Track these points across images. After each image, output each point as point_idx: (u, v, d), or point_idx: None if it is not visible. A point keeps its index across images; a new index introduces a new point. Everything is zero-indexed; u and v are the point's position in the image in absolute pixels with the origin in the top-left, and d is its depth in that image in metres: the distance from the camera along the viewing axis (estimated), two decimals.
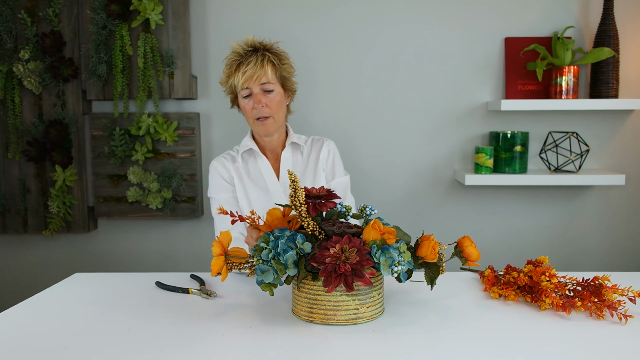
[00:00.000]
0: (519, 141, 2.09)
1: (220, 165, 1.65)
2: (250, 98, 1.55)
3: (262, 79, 1.53)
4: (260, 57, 1.52)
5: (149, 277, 1.39)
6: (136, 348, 0.98)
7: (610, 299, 1.10)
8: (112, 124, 2.21)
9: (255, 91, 1.54)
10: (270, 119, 1.56)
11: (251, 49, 1.54)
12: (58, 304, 1.21)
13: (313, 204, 1.09)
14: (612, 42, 2.06)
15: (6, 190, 2.26)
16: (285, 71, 1.58)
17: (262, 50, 1.55)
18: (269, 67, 1.53)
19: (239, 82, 1.53)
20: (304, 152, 1.67)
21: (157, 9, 2.12)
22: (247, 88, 1.54)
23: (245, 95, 1.56)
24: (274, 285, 1.05)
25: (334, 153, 1.70)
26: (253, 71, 1.51)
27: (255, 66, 1.51)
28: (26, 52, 2.15)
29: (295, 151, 1.68)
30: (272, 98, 1.55)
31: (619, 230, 2.26)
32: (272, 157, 1.67)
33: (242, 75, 1.52)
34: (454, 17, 2.19)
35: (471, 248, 1.17)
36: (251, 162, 1.66)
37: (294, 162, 1.67)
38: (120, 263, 2.35)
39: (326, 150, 1.68)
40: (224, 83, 1.61)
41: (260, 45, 1.56)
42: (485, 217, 2.28)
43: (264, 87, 1.54)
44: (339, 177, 1.68)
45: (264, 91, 1.55)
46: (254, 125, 1.59)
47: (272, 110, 1.55)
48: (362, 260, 0.99)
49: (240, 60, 1.54)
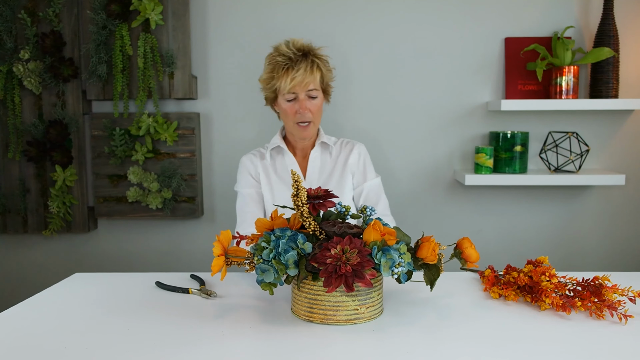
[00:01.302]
0: (519, 141, 2.09)
1: (249, 161, 1.68)
2: (294, 102, 1.56)
3: (310, 85, 1.54)
4: (310, 64, 1.53)
5: (149, 277, 1.39)
6: (136, 348, 0.98)
7: (610, 299, 1.10)
8: (112, 124, 2.21)
9: (301, 97, 1.55)
10: (311, 124, 1.58)
11: (300, 54, 1.54)
12: (58, 304, 1.21)
13: (312, 204, 1.09)
14: (612, 42, 2.06)
15: (6, 190, 2.26)
16: (328, 77, 1.61)
17: (312, 55, 1.55)
18: (317, 74, 1.54)
19: (285, 86, 1.52)
20: (332, 152, 1.68)
21: (157, 9, 2.12)
22: (293, 93, 1.54)
23: (290, 99, 1.56)
24: (274, 285, 1.05)
25: (365, 156, 1.71)
26: (302, 78, 1.51)
27: (305, 73, 1.51)
28: (26, 52, 2.15)
29: (324, 151, 1.69)
30: (315, 104, 1.57)
31: (619, 230, 2.26)
32: (301, 155, 1.69)
33: (291, 80, 1.51)
34: (454, 17, 2.19)
35: (471, 249, 1.17)
36: (279, 159, 1.68)
37: (322, 162, 1.68)
38: (120, 263, 2.35)
39: (356, 153, 1.69)
40: (265, 82, 1.60)
41: (309, 50, 1.56)
42: (485, 217, 2.28)
43: (309, 94, 1.55)
44: (371, 180, 1.68)
45: (309, 97, 1.56)
46: (294, 129, 1.60)
47: (314, 116, 1.58)
48: (363, 262, 1.00)
49: (289, 65, 1.52)
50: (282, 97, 1.57)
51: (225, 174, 2.30)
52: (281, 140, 1.67)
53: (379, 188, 1.70)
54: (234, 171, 2.29)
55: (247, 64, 2.24)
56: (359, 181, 1.68)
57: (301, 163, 1.68)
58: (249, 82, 2.25)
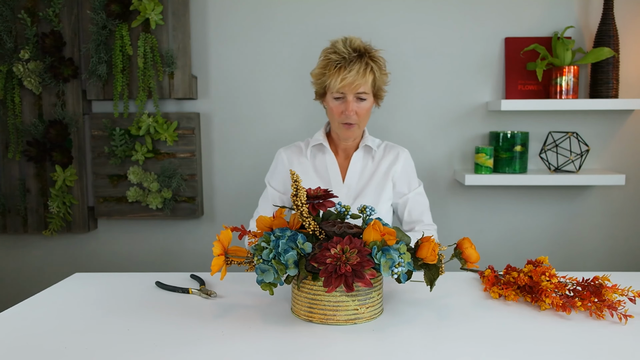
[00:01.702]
0: (519, 141, 2.09)
1: (286, 156, 1.65)
2: (341, 101, 1.52)
3: (360, 88, 1.48)
4: (364, 66, 1.47)
5: (149, 277, 1.39)
6: (136, 348, 0.98)
7: (610, 299, 1.10)
8: (112, 124, 2.21)
9: (349, 98, 1.50)
10: (355, 125, 1.54)
11: (356, 54, 1.48)
12: (58, 304, 1.21)
13: (312, 204, 1.09)
14: (612, 42, 2.06)
15: (6, 190, 2.26)
16: (382, 81, 1.55)
17: (367, 57, 1.49)
18: (370, 77, 1.49)
19: (335, 85, 1.48)
20: (375, 156, 1.64)
21: (157, 9, 2.12)
22: (341, 92, 1.50)
23: (337, 98, 1.52)
24: (274, 285, 1.05)
25: (409, 164, 1.67)
26: (353, 79, 1.46)
27: (357, 74, 1.46)
28: (26, 52, 2.15)
29: (366, 154, 1.64)
30: (364, 107, 1.52)
31: (619, 230, 2.26)
32: (343, 155, 1.65)
33: (341, 80, 1.46)
34: (454, 17, 2.19)
35: (471, 250, 1.17)
36: (319, 157, 1.64)
37: (363, 165, 1.63)
38: (120, 263, 2.35)
39: (402, 161, 1.64)
40: (316, 77, 1.55)
41: (365, 50, 1.50)
42: (485, 217, 2.28)
43: (358, 96, 1.51)
44: (414, 190, 1.65)
45: (358, 99, 1.51)
46: (338, 128, 1.56)
47: (360, 118, 1.53)
48: (363, 261, 1.00)
49: (342, 64, 1.47)
50: (331, 94, 1.52)
51: (225, 174, 2.30)
52: (324, 138, 1.62)
53: (423, 198, 1.66)
54: (234, 171, 2.30)
55: (247, 64, 2.24)
56: (403, 191, 1.64)
57: (342, 164, 1.64)
58: (249, 82, 2.25)
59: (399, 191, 1.64)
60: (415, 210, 1.64)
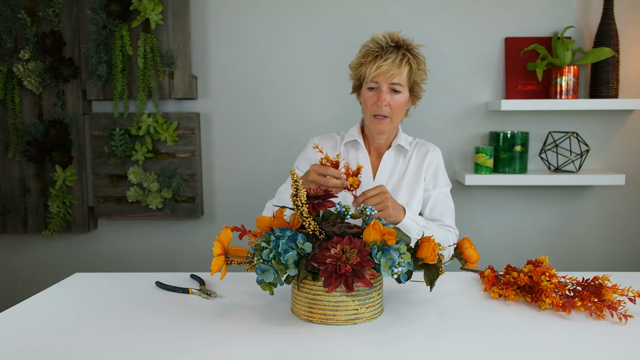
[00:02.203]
0: (519, 141, 2.09)
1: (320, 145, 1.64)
2: (374, 92, 1.50)
3: (395, 78, 1.47)
4: (400, 57, 1.46)
5: (149, 277, 1.39)
6: (136, 348, 0.98)
7: (610, 299, 1.10)
8: (112, 124, 2.21)
9: (382, 88, 1.48)
10: (387, 119, 1.51)
11: (393, 45, 1.48)
12: (58, 304, 1.21)
13: (312, 204, 1.09)
14: (612, 42, 2.06)
15: (6, 190, 2.26)
16: (418, 76, 1.52)
17: (404, 49, 1.48)
18: (405, 68, 1.47)
19: (370, 74, 1.47)
20: (407, 155, 1.62)
21: (157, 9, 2.12)
22: (376, 82, 1.48)
23: (371, 88, 1.50)
24: (274, 285, 1.05)
25: (439, 162, 1.64)
26: (388, 68, 1.45)
27: (392, 64, 1.45)
28: (26, 52, 2.15)
29: (398, 154, 1.63)
30: (397, 100, 1.50)
31: (619, 230, 2.26)
32: (375, 154, 1.63)
33: (376, 68, 1.45)
34: (454, 17, 2.19)
35: (471, 250, 1.17)
36: (352, 152, 1.63)
37: (394, 165, 1.62)
38: (120, 263, 2.35)
39: (430, 158, 1.62)
40: (354, 68, 1.55)
41: (403, 43, 1.49)
42: (485, 217, 2.28)
43: (392, 87, 1.49)
44: (440, 188, 1.62)
45: (392, 90, 1.49)
46: (370, 121, 1.54)
47: (392, 111, 1.50)
48: (363, 261, 1.00)
49: (378, 53, 1.47)
50: (365, 84, 1.51)
51: (225, 174, 2.30)
52: (359, 134, 1.62)
53: (447, 198, 1.62)
54: (234, 171, 2.30)
55: (247, 64, 2.25)
56: (427, 187, 1.62)
57: (374, 162, 1.62)
58: (249, 82, 2.25)
59: (425, 187, 1.62)
60: (437, 209, 1.60)
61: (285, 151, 2.26)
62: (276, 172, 2.25)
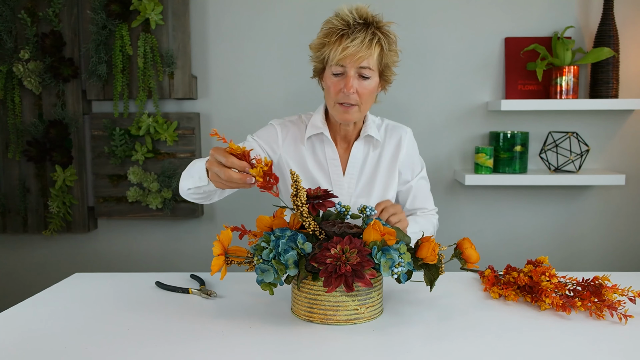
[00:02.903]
0: (519, 141, 2.09)
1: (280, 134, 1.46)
2: (340, 77, 1.31)
3: (364, 62, 1.28)
4: (370, 36, 1.27)
5: (149, 277, 1.39)
6: (136, 348, 0.98)
7: (610, 299, 1.10)
8: (112, 124, 2.21)
9: (349, 73, 1.29)
10: (355, 107, 1.33)
11: (362, 22, 1.29)
12: (58, 304, 1.21)
13: (312, 204, 1.09)
14: (612, 42, 2.06)
15: (6, 190, 2.26)
16: (390, 59, 1.34)
17: (374, 27, 1.30)
18: (376, 50, 1.28)
19: (335, 56, 1.28)
20: (377, 145, 1.47)
21: (157, 9, 2.12)
22: (341, 66, 1.29)
23: (336, 73, 1.31)
24: (274, 285, 1.05)
25: (412, 147, 1.51)
26: (356, 50, 1.26)
27: (361, 45, 1.26)
28: (26, 52, 2.15)
29: (368, 143, 1.47)
30: (366, 86, 1.32)
31: (619, 230, 2.26)
32: (343, 145, 1.48)
33: (342, 50, 1.26)
34: (454, 17, 2.19)
35: (471, 250, 1.17)
36: (318, 145, 1.47)
37: (366, 154, 1.47)
38: (120, 263, 2.35)
39: (405, 146, 1.49)
40: (315, 49, 1.35)
41: (372, 20, 1.30)
42: (485, 217, 2.28)
43: (361, 72, 1.30)
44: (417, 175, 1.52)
45: (360, 76, 1.31)
46: (334, 109, 1.36)
47: (361, 99, 1.33)
48: (363, 261, 1.00)
49: (344, 32, 1.27)
50: (329, 69, 1.32)
51: None
52: (324, 124, 1.44)
53: (425, 182, 1.53)
54: None
55: (247, 64, 2.24)
56: (407, 178, 1.51)
57: (342, 155, 1.47)
58: (249, 82, 2.25)
59: (403, 179, 1.52)
60: (419, 198, 1.53)
61: None
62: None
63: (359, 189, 1.48)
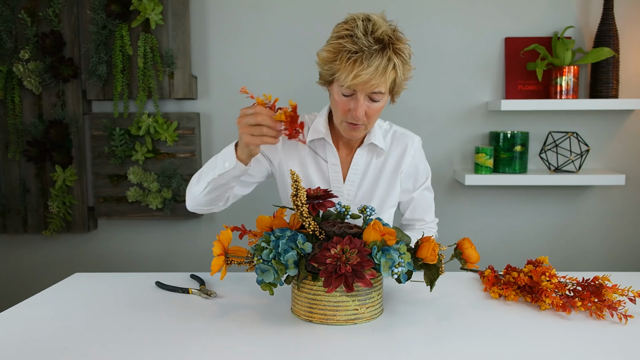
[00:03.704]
0: (519, 141, 2.09)
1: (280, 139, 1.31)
2: (349, 98, 1.25)
3: (376, 88, 1.21)
4: (385, 62, 1.19)
5: (149, 277, 1.39)
6: (136, 348, 0.98)
7: (610, 299, 1.10)
8: (112, 124, 2.21)
9: (359, 98, 1.23)
10: (362, 127, 1.30)
11: (378, 47, 1.18)
12: (58, 304, 1.21)
13: (312, 204, 1.09)
14: (612, 42, 2.06)
15: (6, 190, 2.26)
16: (403, 78, 1.28)
17: (391, 50, 1.20)
18: (391, 76, 1.21)
19: (346, 80, 1.19)
20: (381, 154, 1.44)
21: (157, 9, 2.12)
22: (352, 90, 1.23)
23: (346, 95, 1.25)
24: (274, 285, 1.05)
25: (418, 158, 1.47)
26: (369, 78, 1.18)
27: (375, 72, 1.17)
28: (26, 52, 2.15)
29: (371, 151, 1.43)
30: (375, 107, 1.26)
31: (619, 230, 2.26)
32: (345, 150, 1.43)
33: (354, 77, 1.18)
34: (454, 17, 2.19)
35: (471, 250, 1.17)
36: (320, 149, 1.43)
37: (369, 161, 1.43)
38: (120, 263, 2.35)
39: (410, 156, 1.45)
40: (323, 62, 1.26)
41: (389, 41, 1.20)
42: (485, 217, 2.28)
43: (372, 96, 1.24)
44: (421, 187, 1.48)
45: (370, 99, 1.25)
46: (341, 125, 1.32)
47: (369, 119, 1.29)
48: (363, 262, 1.00)
49: (358, 57, 1.18)
50: (339, 87, 1.24)
51: None
52: (327, 129, 1.39)
53: (428, 192, 1.50)
54: None
55: (247, 64, 2.24)
56: (408, 188, 1.48)
57: (344, 159, 1.43)
58: (249, 82, 2.25)
59: (404, 189, 1.48)
60: (419, 209, 1.51)
61: None
62: None
63: (359, 197, 1.45)
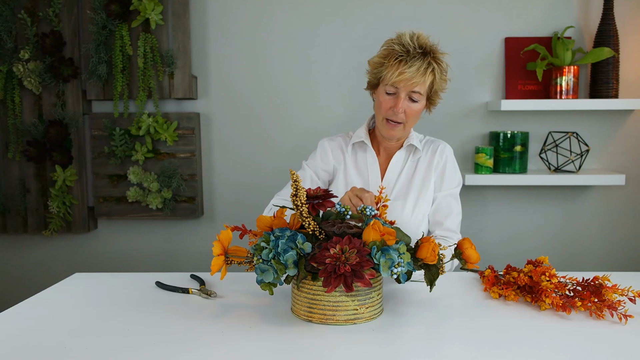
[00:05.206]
0: (519, 141, 2.09)
1: (329, 148, 1.60)
2: (392, 97, 1.44)
3: (416, 87, 1.41)
4: (426, 65, 1.40)
5: (149, 277, 1.39)
6: (136, 348, 0.98)
7: (610, 299, 1.10)
8: (112, 124, 2.21)
9: (401, 95, 1.42)
10: (401, 125, 1.47)
11: (420, 52, 1.41)
12: (58, 304, 1.21)
13: (311, 204, 1.09)
14: (612, 42, 2.06)
15: (6, 190, 2.26)
16: (439, 86, 1.47)
17: (431, 57, 1.42)
18: (429, 78, 1.42)
19: (391, 78, 1.40)
20: (417, 154, 1.56)
21: (157, 9, 2.12)
22: (395, 87, 1.42)
23: (389, 92, 1.44)
24: (273, 285, 1.05)
25: (446, 161, 1.56)
26: (411, 76, 1.39)
27: (417, 72, 1.39)
28: (26, 52, 2.15)
29: (408, 153, 1.57)
30: (414, 108, 1.45)
31: (619, 230, 2.26)
32: (385, 154, 1.58)
33: (399, 74, 1.39)
34: (454, 17, 2.19)
35: (471, 250, 1.17)
36: (360, 154, 1.58)
37: (404, 164, 1.56)
38: (120, 263, 2.35)
39: (438, 158, 1.56)
40: (373, 66, 1.48)
41: (430, 50, 1.43)
42: (485, 217, 2.28)
43: (411, 95, 1.43)
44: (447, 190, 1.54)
45: (410, 99, 1.44)
46: (382, 124, 1.49)
47: (407, 119, 1.46)
48: (362, 262, 1.00)
49: (403, 58, 1.40)
50: (383, 87, 1.45)
51: (225, 174, 2.30)
52: (366, 135, 1.56)
53: (453, 199, 1.55)
54: (234, 171, 2.30)
55: (247, 64, 2.24)
56: (435, 187, 1.55)
57: (383, 163, 1.57)
58: (249, 82, 2.25)
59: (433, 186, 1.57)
60: (440, 212, 1.54)
61: (285, 151, 2.27)
62: (276, 171, 2.25)
63: (395, 193, 1.54)
